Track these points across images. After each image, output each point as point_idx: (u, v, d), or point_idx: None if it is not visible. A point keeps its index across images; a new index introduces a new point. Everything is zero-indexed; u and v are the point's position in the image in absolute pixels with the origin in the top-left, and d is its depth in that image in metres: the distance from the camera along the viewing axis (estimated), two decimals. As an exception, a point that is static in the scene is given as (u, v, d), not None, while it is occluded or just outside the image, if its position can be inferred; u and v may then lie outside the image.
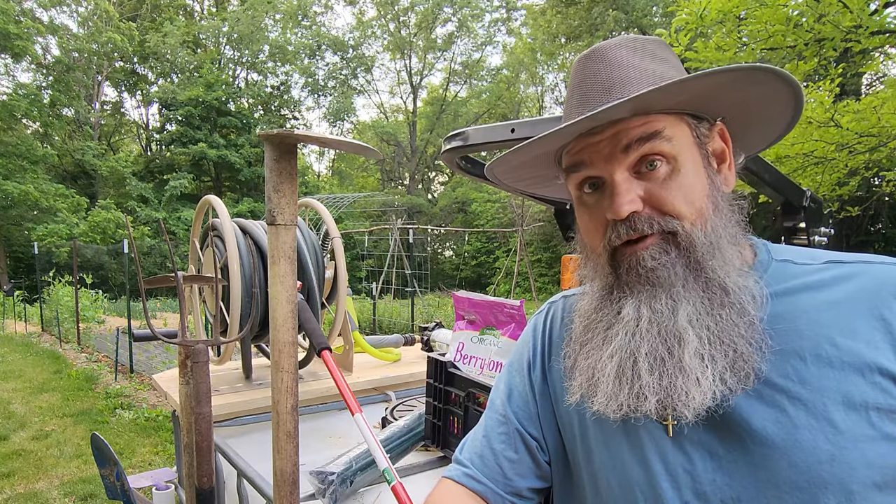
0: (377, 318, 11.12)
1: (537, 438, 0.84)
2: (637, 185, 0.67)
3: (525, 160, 0.78)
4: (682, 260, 0.66)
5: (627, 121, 0.66)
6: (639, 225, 0.66)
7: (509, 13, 30.46)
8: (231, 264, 1.66)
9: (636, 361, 0.66)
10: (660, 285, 0.66)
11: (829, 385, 0.61)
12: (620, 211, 0.65)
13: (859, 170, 5.55)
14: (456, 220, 28.29)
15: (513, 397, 0.87)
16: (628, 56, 0.70)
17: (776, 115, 0.71)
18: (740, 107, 0.69)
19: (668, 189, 0.66)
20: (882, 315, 0.62)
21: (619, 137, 0.66)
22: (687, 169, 0.67)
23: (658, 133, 0.66)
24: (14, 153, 20.45)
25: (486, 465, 0.83)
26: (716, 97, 0.66)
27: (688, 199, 0.66)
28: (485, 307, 1.50)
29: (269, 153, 0.88)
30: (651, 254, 0.66)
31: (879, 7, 3.95)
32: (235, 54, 29.50)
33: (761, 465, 0.63)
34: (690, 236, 0.65)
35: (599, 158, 0.68)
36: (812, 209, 1.44)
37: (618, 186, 0.66)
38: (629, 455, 0.72)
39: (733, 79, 0.62)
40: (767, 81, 0.63)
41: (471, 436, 0.89)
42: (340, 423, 1.81)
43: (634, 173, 0.67)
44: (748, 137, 0.77)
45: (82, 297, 10.41)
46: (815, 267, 0.69)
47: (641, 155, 0.66)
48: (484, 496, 0.82)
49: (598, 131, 0.67)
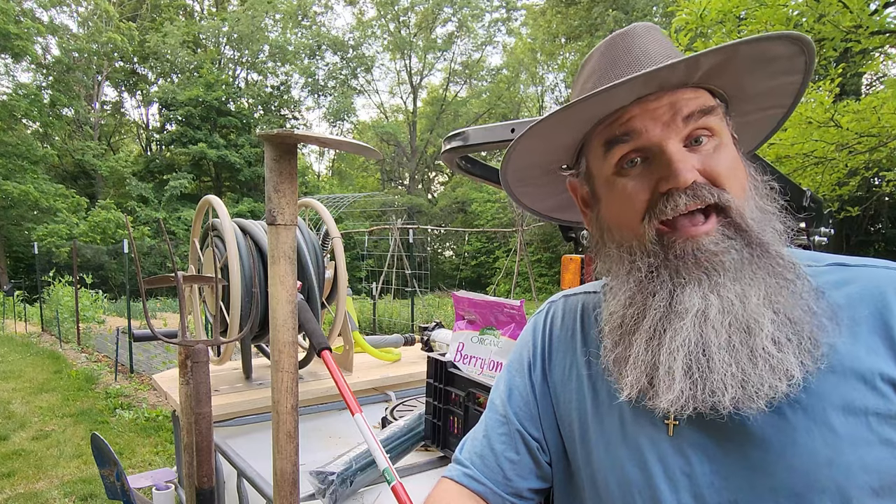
0: (377, 318, 11.12)
1: (538, 439, 0.83)
2: (691, 156, 0.65)
3: (547, 142, 0.75)
4: (743, 241, 0.64)
5: (682, 91, 0.65)
6: (701, 192, 0.63)
7: (509, 13, 30.48)
8: (231, 264, 1.66)
9: (708, 355, 0.61)
10: (725, 271, 0.63)
11: (829, 390, 0.61)
12: (686, 177, 0.62)
13: (859, 170, 5.55)
14: (456, 220, 28.29)
15: (513, 397, 0.87)
16: (662, 37, 0.72)
17: (770, 115, 0.74)
18: (750, 103, 0.72)
19: (718, 162, 0.65)
20: (883, 320, 0.62)
21: (678, 105, 0.65)
22: (729, 147, 0.67)
23: (713, 109, 0.66)
24: (14, 153, 20.46)
25: (486, 465, 0.83)
26: (749, 82, 0.68)
27: (735, 175, 0.66)
28: (485, 307, 1.50)
29: (269, 153, 0.88)
30: (713, 239, 0.63)
31: (879, 7, 3.95)
32: (235, 54, 29.50)
33: (759, 469, 0.62)
34: (743, 213, 0.64)
35: (656, 126, 0.65)
36: (812, 209, 1.44)
37: (676, 153, 0.64)
38: (627, 456, 0.71)
39: (792, 50, 0.63)
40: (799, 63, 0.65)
41: (471, 435, 0.89)
42: (340, 423, 1.81)
43: (685, 146, 0.65)
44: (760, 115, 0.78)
45: (82, 297, 10.42)
46: (818, 269, 0.68)
47: (697, 127, 0.65)
48: (484, 496, 0.81)
49: (655, 97, 0.65)
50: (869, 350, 0.61)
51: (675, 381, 0.62)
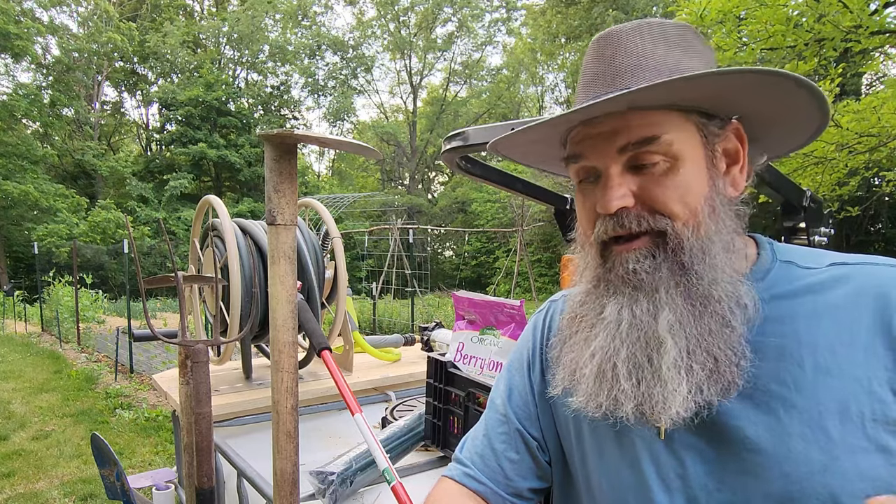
0: (377, 318, 11.12)
1: (537, 438, 0.84)
2: (631, 179, 0.65)
3: (532, 140, 0.75)
4: (668, 263, 0.64)
5: (627, 116, 0.63)
6: (626, 222, 0.65)
7: (509, 13, 30.46)
8: (231, 264, 1.66)
9: (615, 365, 0.65)
10: (642, 289, 0.64)
11: (826, 394, 0.60)
12: (609, 206, 0.64)
13: (859, 170, 5.55)
14: (456, 220, 28.28)
15: (513, 397, 0.87)
16: (645, 43, 0.66)
17: (798, 119, 0.66)
18: (760, 109, 0.65)
19: (663, 187, 0.64)
20: (884, 320, 0.60)
21: (615, 135, 0.64)
22: (686, 168, 0.64)
23: (655, 139, 0.63)
24: (14, 153, 20.46)
25: (486, 464, 0.83)
26: (730, 97, 0.63)
27: (682, 199, 0.64)
28: (485, 307, 1.50)
29: (268, 153, 0.88)
30: (636, 256, 0.65)
31: (879, 7, 3.95)
32: (235, 54, 29.49)
33: (753, 473, 0.62)
34: (680, 238, 0.63)
35: (595, 151, 0.66)
36: (812, 209, 1.44)
37: (610, 180, 0.65)
38: (621, 458, 0.72)
39: (748, 81, 0.59)
40: (784, 87, 0.59)
41: (471, 435, 0.89)
42: (340, 423, 1.81)
43: (630, 167, 0.65)
44: (771, 139, 0.72)
45: (82, 297, 10.41)
46: (818, 270, 0.67)
47: (640, 152, 0.64)
48: (484, 496, 0.81)
49: (597, 123, 0.65)
50: (867, 353, 0.60)
51: (587, 383, 0.68)
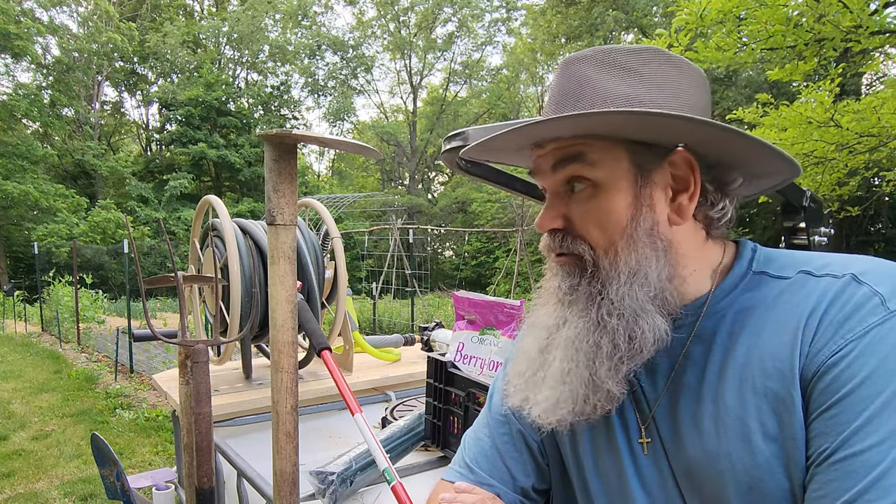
0: (377, 318, 11.12)
1: (536, 440, 0.84)
2: (564, 203, 0.69)
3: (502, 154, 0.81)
4: (584, 286, 0.68)
5: (564, 139, 0.67)
6: (553, 242, 0.70)
7: (509, 13, 30.45)
8: (231, 264, 1.65)
9: (523, 361, 0.74)
10: (560, 303, 0.70)
11: (751, 412, 0.60)
12: (543, 225, 0.70)
13: (859, 170, 5.55)
14: (456, 220, 28.28)
15: None
16: (591, 70, 0.65)
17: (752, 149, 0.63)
18: (705, 139, 0.62)
19: (585, 213, 0.67)
20: (800, 336, 0.59)
21: (552, 155, 0.68)
22: (608, 196, 0.65)
23: (579, 156, 0.65)
24: (14, 153, 20.45)
25: (493, 465, 0.83)
26: (659, 128, 0.61)
27: (601, 227, 0.66)
28: (485, 307, 1.50)
29: (268, 153, 0.88)
30: (562, 273, 0.70)
31: (879, 7, 3.94)
32: (235, 54, 29.49)
33: (700, 491, 0.65)
34: (596, 265, 0.67)
35: (540, 171, 0.71)
36: (812, 209, 1.44)
37: (547, 201, 0.71)
38: (612, 469, 0.73)
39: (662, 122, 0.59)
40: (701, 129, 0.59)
41: (470, 437, 0.89)
42: (340, 423, 1.81)
43: (565, 191, 0.69)
44: (742, 164, 0.68)
45: (82, 297, 10.40)
46: (785, 281, 0.65)
47: (567, 176, 0.67)
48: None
49: (543, 144, 0.69)
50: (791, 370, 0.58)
51: (515, 382, 0.76)
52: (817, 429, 0.55)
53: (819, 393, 0.56)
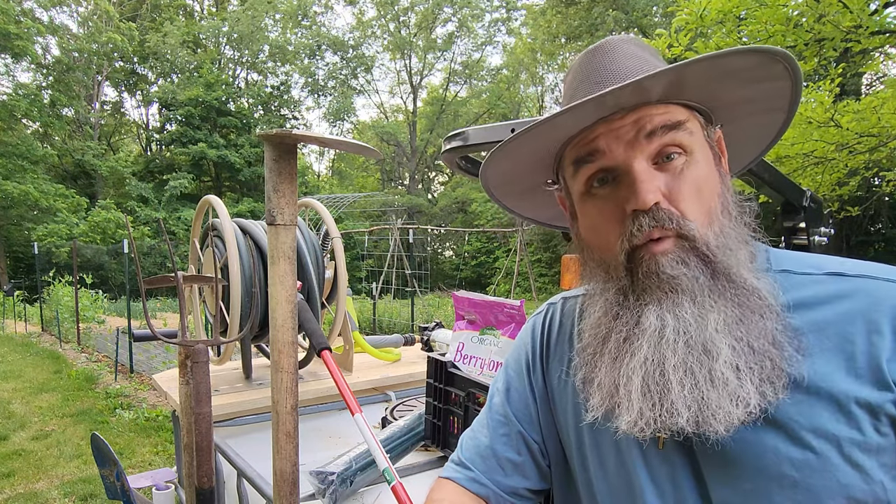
0: (377, 318, 11.12)
1: (538, 441, 0.84)
2: (657, 175, 0.63)
3: (520, 159, 0.75)
4: (702, 266, 0.62)
5: (649, 107, 0.63)
6: (661, 217, 0.62)
7: (509, 13, 30.45)
8: (231, 264, 1.66)
9: (664, 374, 0.61)
10: (683, 292, 0.62)
11: (802, 410, 0.59)
12: (646, 199, 0.61)
13: (859, 170, 5.55)
14: (456, 220, 28.28)
15: (513, 399, 0.86)
16: (637, 50, 0.69)
17: (767, 122, 0.71)
18: (734, 113, 0.69)
19: (684, 182, 0.63)
20: (871, 341, 0.59)
21: (642, 122, 0.63)
22: (701, 164, 0.65)
23: (682, 123, 0.64)
24: (14, 153, 20.45)
25: (488, 466, 0.83)
26: (722, 94, 0.65)
27: (701, 194, 0.63)
28: (485, 307, 1.50)
29: (268, 153, 0.88)
30: (670, 260, 0.62)
31: (879, 7, 3.94)
32: (235, 54, 29.49)
33: (735, 487, 0.63)
34: (706, 240, 0.62)
35: (620, 145, 0.64)
36: (812, 209, 1.44)
37: (640, 174, 0.62)
38: (619, 466, 0.72)
39: (753, 61, 0.60)
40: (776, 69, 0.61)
41: (468, 435, 0.89)
42: (340, 423, 1.81)
43: (653, 164, 0.64)
44: (737, 152, 0.77)
45: (82, 297, 10.40)
46: (814, 278, 0.66)
47: (663, 144, 0.63)
48: (486, 498, 0.82)
49: (619, 116, 0.64)
50: (849, 372, 0.59)
51: (632, 401, 0.62)
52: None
53: None
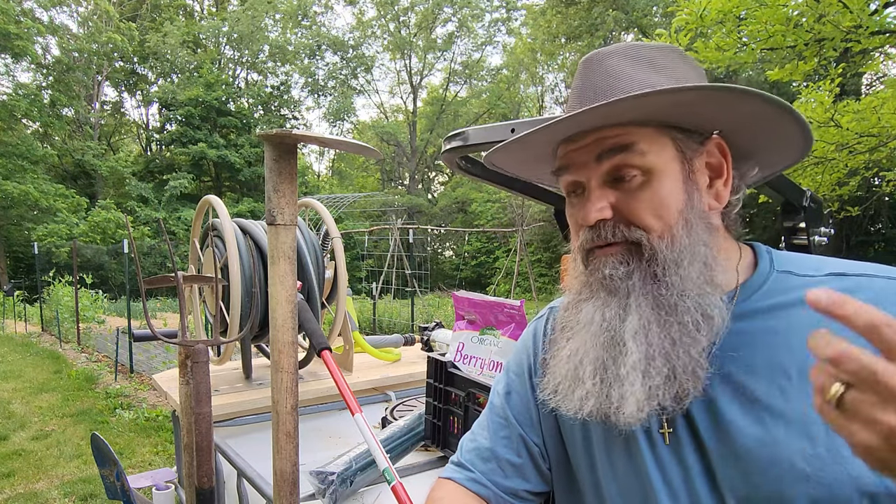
0: (377, 318, 11.12)
1: (538, 444, 0.84)
2: (610, 193, 0.68)
3: (521, 159, 0.79)
4: (640, 272, 0.66)
5: (606, 129, 0.66)
6: (603, 233, 0.68)
7: (509, 13, 30.45)
8: (231, 264, 1.66)
9: (583, 365, 0.68)
10: (615, 293, 0.67)
11: (811, 402, 0.61)
12: (588, 217, 0.68)
13: (859, 170, 5.55)
14: (456, 220, 28.29)
15: (514, 402, 0.87)
16: (622, 64, 0.69)
17: (782, 135, 0.68)
18: (737, 123, 0.67)
19: (637, 200, 0.66)
20: None
21: (594, 146, 0.68)
22: (661, 183, 0.66)
23: (629, 146, 0.66)
24: (14, 153, 20.45)
25: (488, 468, 0.83)
26: (702, 112, 0.64)
27: (656, 213, 0.66)
28: (485, 307, 1.50)
29: (268, 153, 0.88)
30: (612, 262, 0.67)
31: (879, 7, 3.94)
32: (235, 54, 29.49)
33: (747, 482, 0.63)
34: (654, 249, 0.66)
35: (577, 165, 0.70)
36: (812, 209, 1.44)
37: (590, 194, 0.69)
38: (628, 464, 0.72)
39: (703, 97, 0.60)
40: (747, 102, 0.61)
41: (469, 437, 0.89)
42: (340, 423, 1.81)
43: (610, 181, 0.68)
44: (761, 153, 0.74)
45: (82, 297, 10.40)
46: (816, 279, 0.67)
47: (613, 166, 0.67)
48: (487, 499, 0.82)
49: (578, 138, 0.69)
50: None
51: (562, 386, 0.71)
52: None
53: None
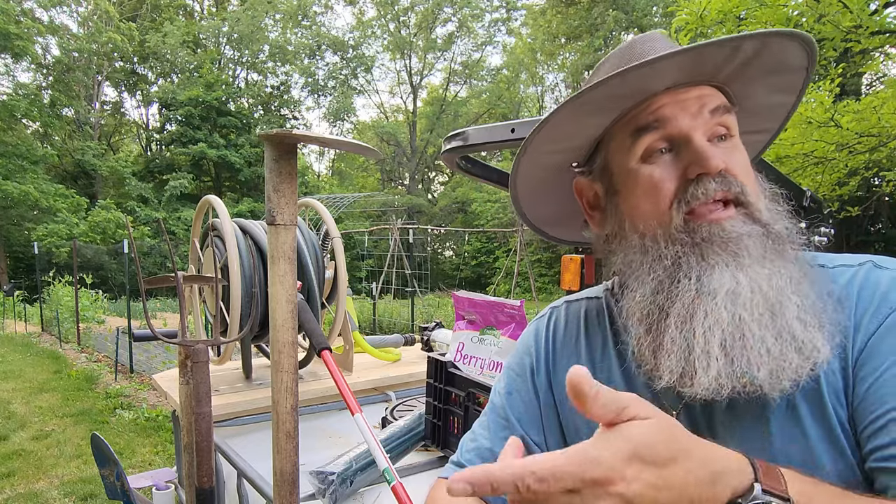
0: (377, 318, 11.13)
1: (539, 444, 0.83)
2: (716, 149, 0.67)
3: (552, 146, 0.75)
4: (763, 231, 0.66)
5: (707, 87, 0.68)
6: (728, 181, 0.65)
7: (509, 13, 30.45)
8: (231, 264, 1.66)
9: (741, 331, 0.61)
10: (749, 254, 0.64)
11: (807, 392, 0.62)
12: (715, 163, 0.64)
13: (859, 170, 5.56)
14: (456, 220, 28.29)
15: (515, 402, 0.86)
16: (663, 44, 0.74)
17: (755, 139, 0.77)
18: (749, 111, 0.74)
19: (737, 160, 0.68)
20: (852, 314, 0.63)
21: (704, 100, 0.68)
22: (742, 149, 0.70)
23: (732, 108, 0.69)
24: (14, 153, 20.45)
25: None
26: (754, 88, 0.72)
27: (748, 175, 0.68)
28: (485, 307, 1.50)
29: (268, 153, 0.88)
30: (736, 223, 0.65)
31: (879, 7, 3.95)
32: (235, 54, 29.49)
33: (759, 452, 0.63)
34: (761, 209, 0.67)
35: (685, 116, 0.67)
36: (812, 209, 1.44)
37: (702, 144, 0.66)
38: None
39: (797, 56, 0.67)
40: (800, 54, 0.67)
41: (469, 437, 0.89)
42: (340, 423, 1.81)
43: (708, 141, 0.68)
44: None
45: (82, 297, 10.41)
46: (851, 269, 0.68)
47: (720, 123, 0.68)
48: (486, 500, 0.81)
49: (684, 90, 0.68)
50: None
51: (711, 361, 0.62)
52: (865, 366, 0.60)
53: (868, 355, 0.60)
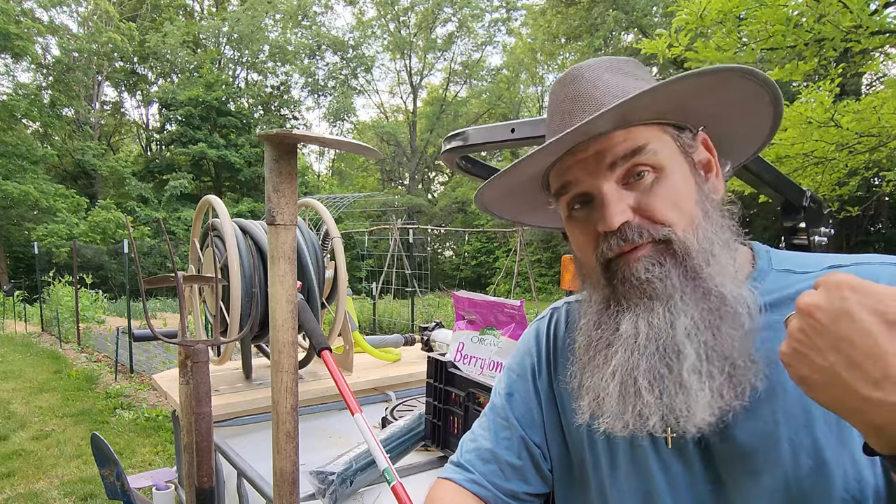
0: (377, 318, 11.12)
1: (540, 446, 0.84)
2: (626, 195, 0.66)
3: (513, 185, 0.78)
4: (677, 269, 0.64)
5: (610, 136, 0.66)
6: (629, 235, 0.65)
7: (509, 13, 30.47)
8: (231, 264, 1.65)
9: (636, 379, 0.64)
10: (656, 297, 0.64)
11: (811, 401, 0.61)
12: (612, 222, 0.65)
13: (859, 170, 5.56)
14: (456, 220, 28.29)
15: (516, 403, 0.86)
16: (604, 74, 0.71)
17: (757, 117, 0.70)
18: (720, 114, 0.69)
19: (656, 197, 0.65)
20: None
21: (603, 154, 0.67)
22: (674, 177, 0.67)
23: (642, 148, 0.66)
24: (14, 153, 20.45)
25: (488, 469, 0.83)
26: (693, 104, 0.66)
27: (676, 206, 0.65)
28: (485, 307, 1.50)
29: (268, 153, 0.88)
30: (644, 265, 0.65)
31: (879, 7, 3.94)
32: (235, 54, 29.50)
33: (751, 479, 0.63)
34: (684, 243, 0.64)
35: (586, 175, 0.68)
36: (812, 209, 1.44)
37: (607, 198, 0.66)
38: (632, 466, 0.72)
39: (706, 82, 0.62)
40: (741, 83, 0.62)
41: (469, 437, 0.89)
42: (340, 423, 1.81)
43: (623, 184, 0.67)
44: (733, 145, 0.77)
45: (82, 297, 10.41)
46: (814, 275, 0.67)
47: (629, 167, 0.66)
48: (485, 499, 0.82)
49: (582, 149, 0.67)
50: None
51: (609, 405, 0.66)
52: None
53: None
